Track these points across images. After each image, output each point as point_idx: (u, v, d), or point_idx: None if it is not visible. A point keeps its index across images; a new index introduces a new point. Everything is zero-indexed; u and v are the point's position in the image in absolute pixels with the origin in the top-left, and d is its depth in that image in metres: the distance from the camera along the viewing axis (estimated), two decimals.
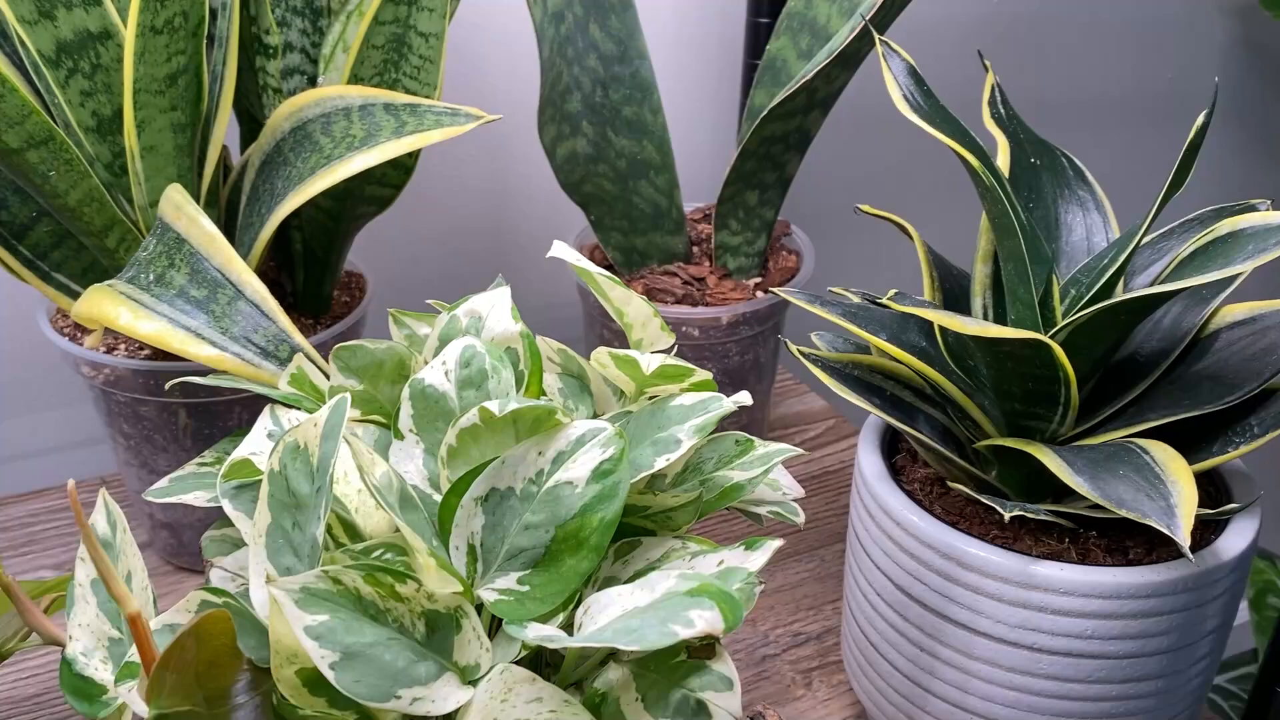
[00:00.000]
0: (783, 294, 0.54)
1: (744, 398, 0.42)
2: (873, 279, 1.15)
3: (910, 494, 0.53)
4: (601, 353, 0.43)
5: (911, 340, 0.54)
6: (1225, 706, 1.08)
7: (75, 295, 0.65)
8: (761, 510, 0.45)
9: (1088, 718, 0.50)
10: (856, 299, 0.56)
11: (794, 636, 0.68)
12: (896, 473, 0.55)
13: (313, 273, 0.68)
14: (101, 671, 0.40)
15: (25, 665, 0.65)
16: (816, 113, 0.69)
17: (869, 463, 0.55)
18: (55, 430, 0.85)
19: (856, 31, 0.60)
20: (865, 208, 0.59)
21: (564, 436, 0.38)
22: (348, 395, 0.36)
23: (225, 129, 0.60)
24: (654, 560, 0.40)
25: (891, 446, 0.58)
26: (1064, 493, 0.53)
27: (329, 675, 0.32)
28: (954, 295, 0.58)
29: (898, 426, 0.52)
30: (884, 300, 0.47)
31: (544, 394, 0.44)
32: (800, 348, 0.53)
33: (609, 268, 0.79)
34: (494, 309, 0.43)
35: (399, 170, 0.63)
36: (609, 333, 0.76)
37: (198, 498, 0.44)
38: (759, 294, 0.76)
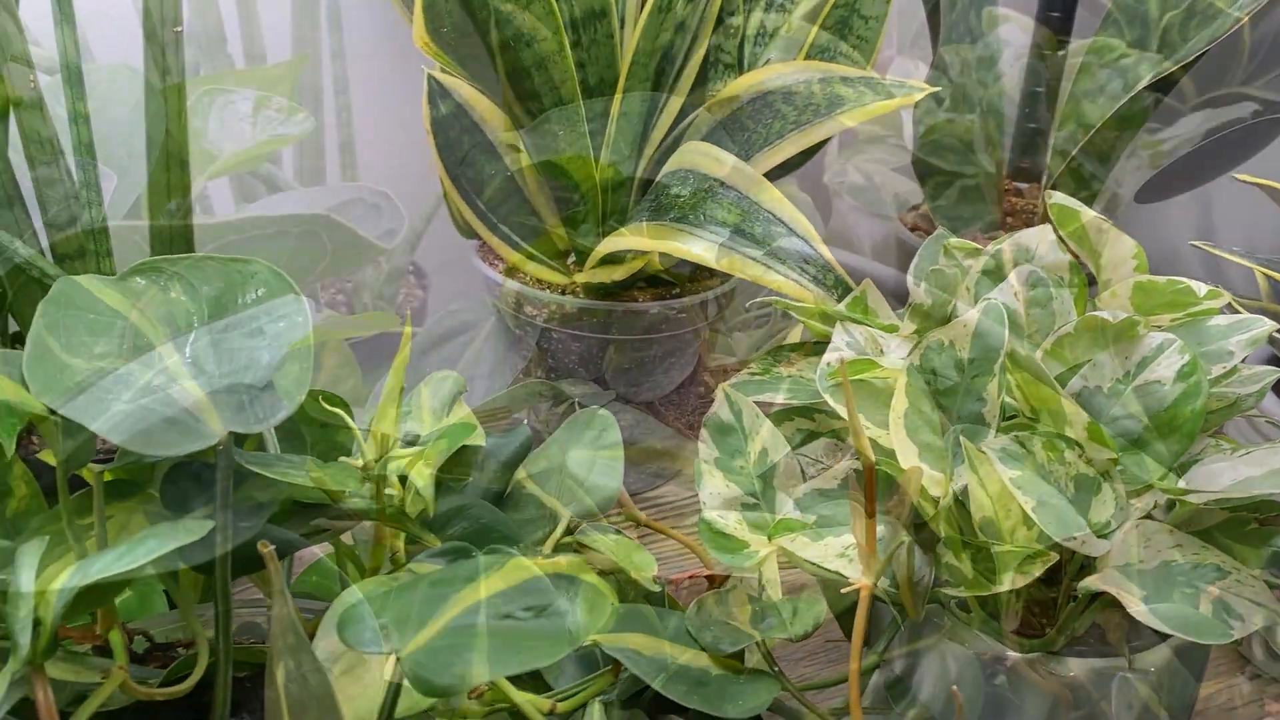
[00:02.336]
0: (1203, 246, 0.62)
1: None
2: None
3: None
4: (1125, 284, 0.51)
5: None
6: None
7: (514, 244, 0.74)
8: (1261, 422, 0.53)
9: None
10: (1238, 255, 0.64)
11: None
12: None
13: None
14: (738, 530, 0.49)
15: None
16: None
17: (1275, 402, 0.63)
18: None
19: (1235, 27, 0.67)
20: (1243, 177, 0.67)
21: (1144, 345, 0.47)
22: (999, 302, 0.44)
23: (683, 99, 0.68)
24: (1195, 453, 0.48)
25: None
26: None
27: (1034, 516, 0.41)
28: None
29: None
30: None
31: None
32: (1228, 294, 0.61)
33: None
34: (1042, 242, 0.52)
35: None
36: None
37: (770, 397, 0.52)
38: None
